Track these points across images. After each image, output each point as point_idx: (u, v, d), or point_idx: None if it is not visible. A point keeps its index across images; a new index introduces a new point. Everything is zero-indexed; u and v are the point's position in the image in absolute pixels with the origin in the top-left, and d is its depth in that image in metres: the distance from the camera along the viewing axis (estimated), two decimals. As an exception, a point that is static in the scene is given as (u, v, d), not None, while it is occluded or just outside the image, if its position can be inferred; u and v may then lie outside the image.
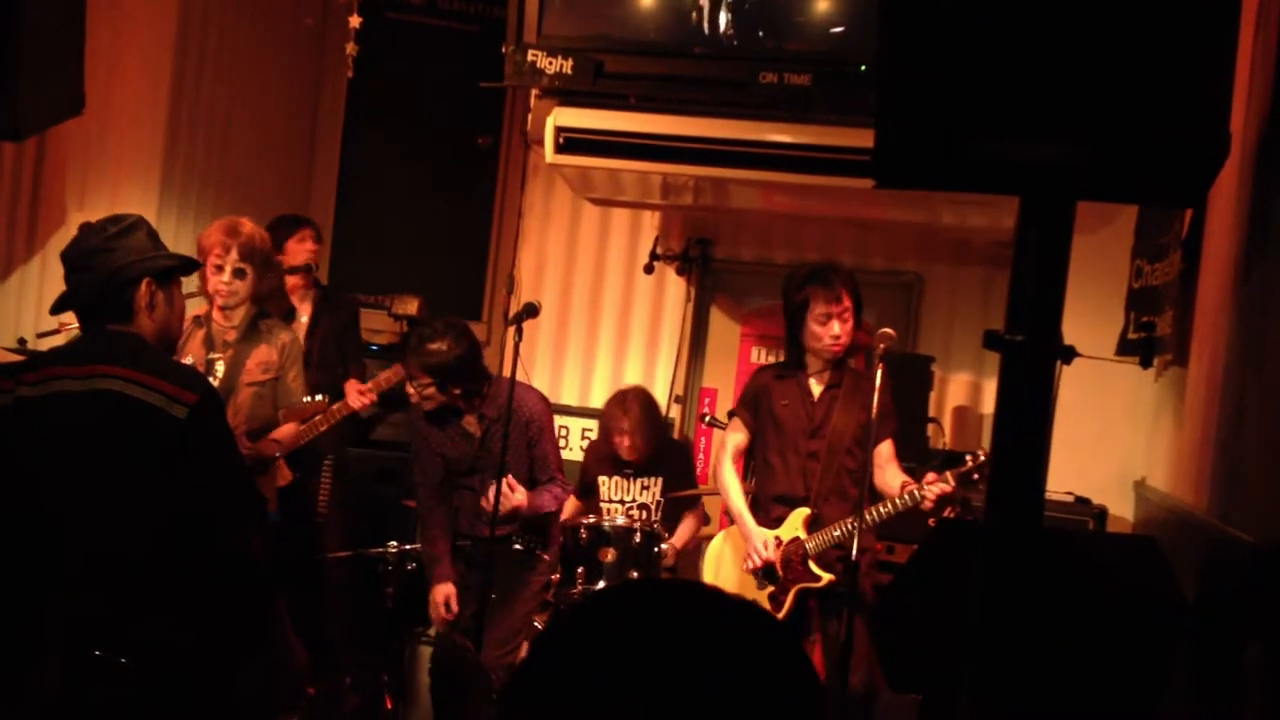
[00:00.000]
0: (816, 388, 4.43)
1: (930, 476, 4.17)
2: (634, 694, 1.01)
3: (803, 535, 4.35)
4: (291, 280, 5.61)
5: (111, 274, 3.08)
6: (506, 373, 4.47)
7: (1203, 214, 3.80)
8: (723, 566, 4.63)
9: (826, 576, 4.30)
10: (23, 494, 2.96)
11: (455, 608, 4.57)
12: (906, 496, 4.15)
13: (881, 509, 4.20)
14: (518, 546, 4.62)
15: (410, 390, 4.64)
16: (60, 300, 3.23)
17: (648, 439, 5.42)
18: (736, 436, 4.62)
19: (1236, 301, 3.22)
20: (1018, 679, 1.95)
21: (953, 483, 4.10)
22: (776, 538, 4.39)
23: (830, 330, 4.36)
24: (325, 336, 5.69)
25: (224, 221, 4.54)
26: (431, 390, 4.51)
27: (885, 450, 4.38)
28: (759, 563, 4.39)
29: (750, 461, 4.67)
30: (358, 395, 5.26)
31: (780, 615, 4.39)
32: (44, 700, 2.87)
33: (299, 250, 5.61)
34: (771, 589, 4.42)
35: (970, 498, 4.42)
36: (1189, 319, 3.89)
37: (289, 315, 5.58)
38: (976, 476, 4.09)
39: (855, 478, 4.35)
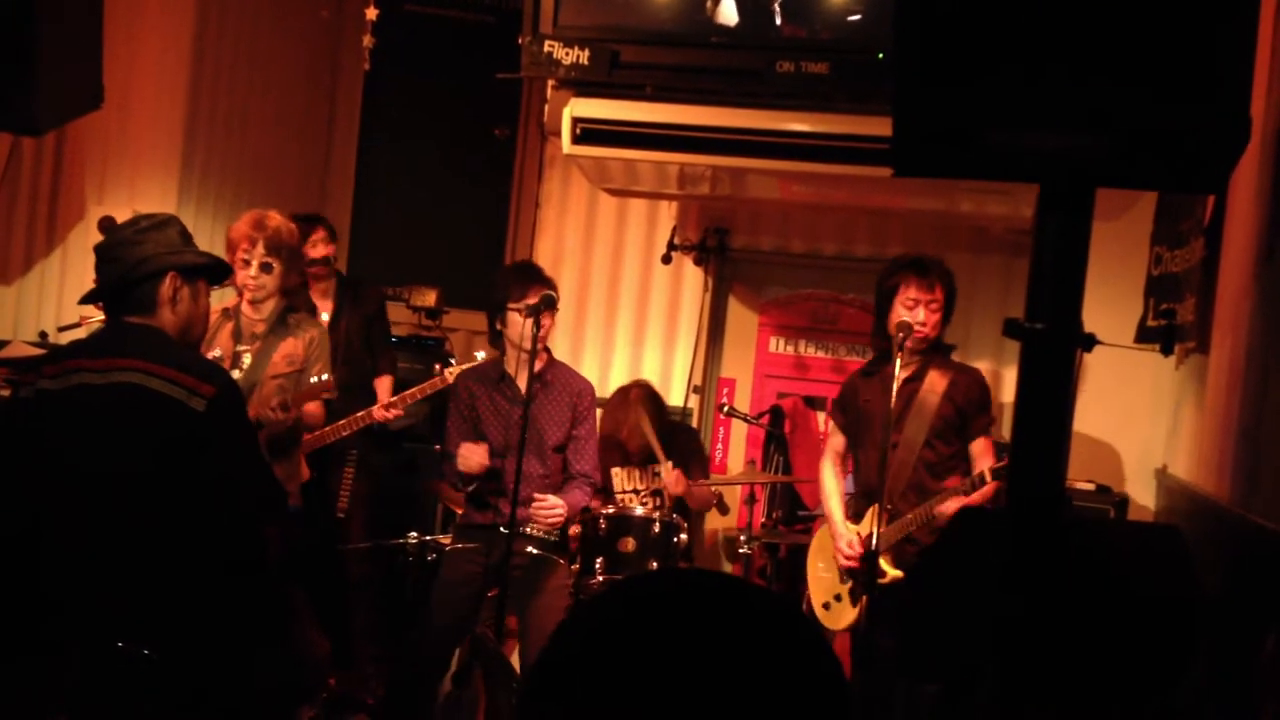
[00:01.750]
0: (897, 381, 4.24)
1: (949, 497, 4.16)
2: (654, 682, 1.01)
3: (875, 530, 4.32)
4: (312, 272, 5.62)
5: (135, 264, 3.09)
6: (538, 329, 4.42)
7: (1224, 200, 3.78)
8: (818, 563, 4.68)
9: (893, 573, 4.25)
10: (43, 485, 2.98)
11: (483, 457, 4.46)
12: (933, 513, 4.17)
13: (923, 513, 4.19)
14: (533, 550, 4.53)
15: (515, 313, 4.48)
16: (89, 293, 3.26)
17: (651, 431, 5.44)
18: (835, 439, 4.67)
19: (1259, 287, 3.20)
20: (1037, 668, 1.94)
21: (972, 496, 4.11)
22: (858, 534, 4.38)
23: (916, 316, 4.26)
24: (350, 329, 5.70)
25: (251, 215, 4.54)
26: (549, 321, 4.46)
27: (978, 446, 4.33)
28: (843, 562, 4.42)
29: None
30: (383, 410, 5.22)
31: (853, 610, 4.38)
32: (65, 690, 2.89)
33: (309, 252, 5.62)
34: (850, 584, 4.42)
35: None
36: (1210, 306, 3.87)
37: (310, 312, 5.59)
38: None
39: (935, 470, 4.30)
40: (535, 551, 4.51)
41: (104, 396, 2.98)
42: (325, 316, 5.66)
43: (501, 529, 4.40)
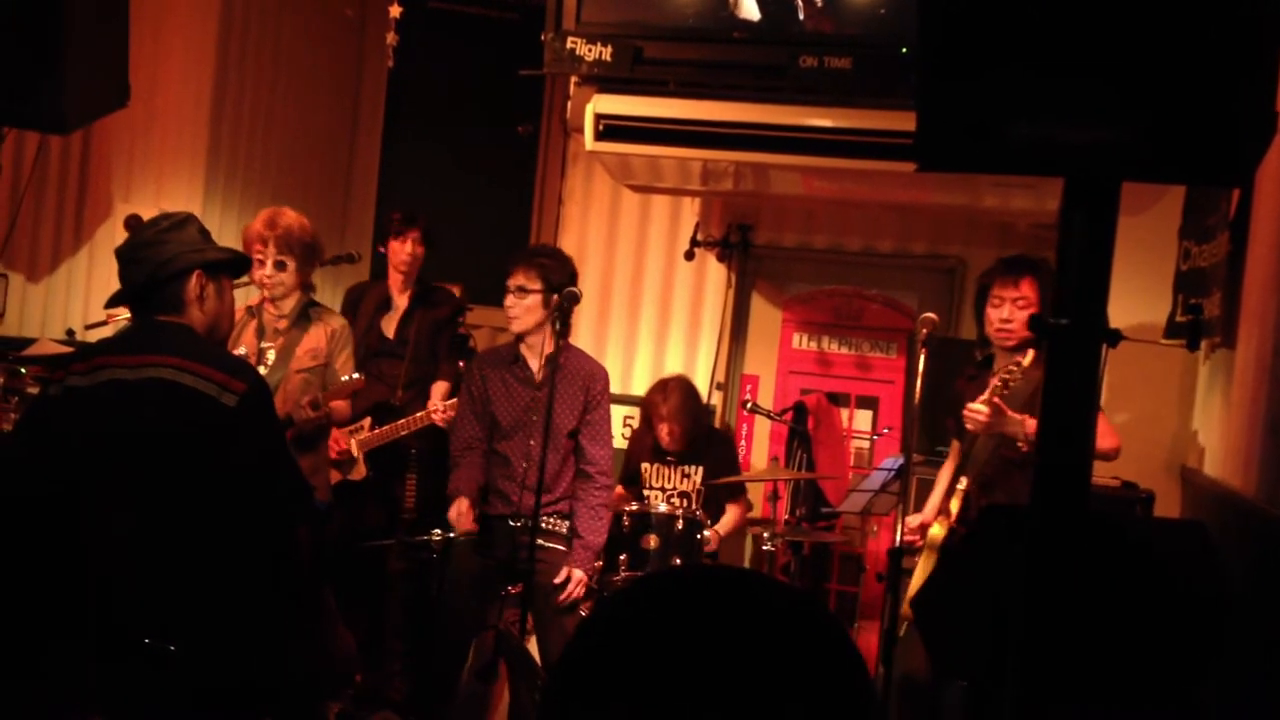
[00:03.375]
0: (993, 381, 4.09)
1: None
2: (678, 677, 1.01)
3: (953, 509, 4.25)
4: (391, 272, 5.75)
5: (162, 264, 3.12)
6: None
7: (1250, 194, 3.76)
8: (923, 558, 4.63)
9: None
10: (73, 481, 3.00)
11: (467, 523, 4.44)
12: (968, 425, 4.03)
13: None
14: (542, 543, 4.50)
15: (505, 305, 4.52)
16: (115, 295, 3.28)
17: (687, 426, 5.41)
18: (954, 446, 4.53)
19: (1286, 283, 3.18)
20: (1062, 664, 1.93)
21: (985, 409, 3.94)
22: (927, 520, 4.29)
23: (1000, 314, 4.14)
24: (420, 331, 5.75)
25: (265, 214, 4.58)
26: (536, 299, 4.46)
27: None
28: (907, 537, 4.22)
29: None
30: (441, 412, 5.26)
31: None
32: (94, 684, 2.91)
33: (399, 250, 5.74)
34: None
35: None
36: (1237, 300, 3.84)
37: (385, 304, 5.68)
38: (1005, 392, 3.92)
39: (1019, 466, 4.10)
40: (545, 544, 4.45)
41: (136, 391, 3.00)
42: (399, 311, 5.75)
43: (510, 521, 4.42)
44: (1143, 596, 2.67)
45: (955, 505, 4.22)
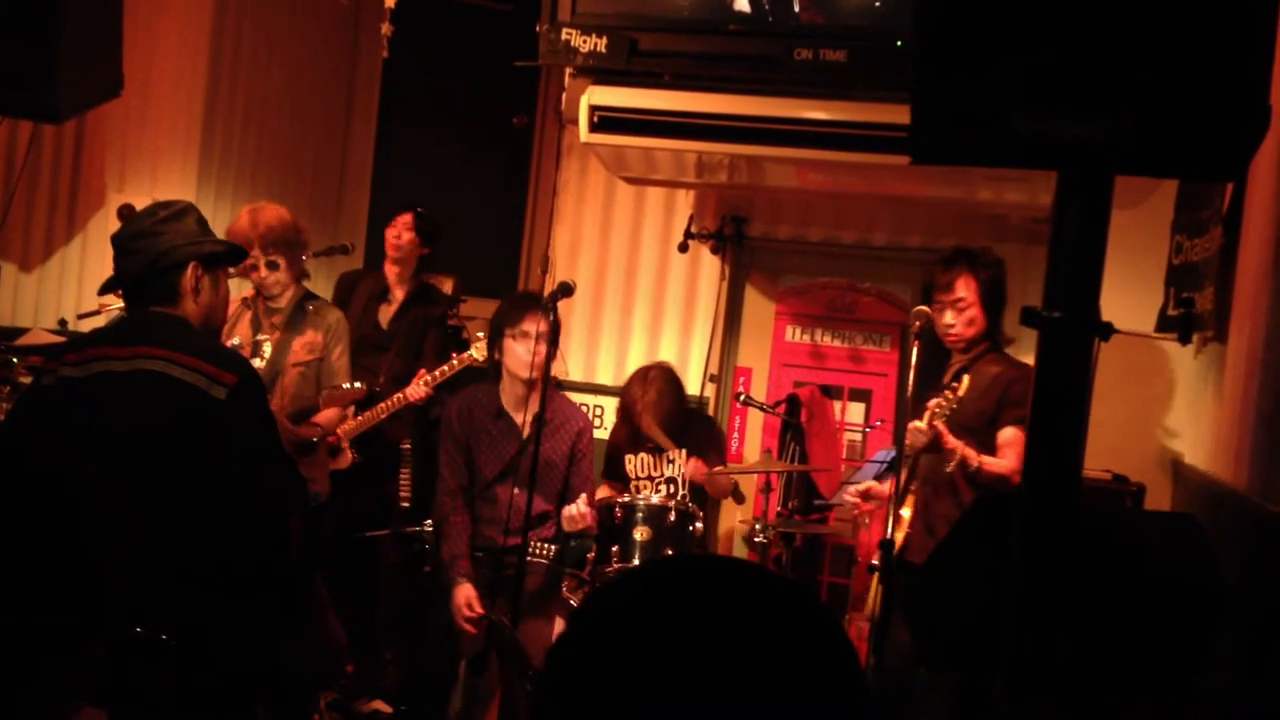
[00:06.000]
0: (948, 377, 4.17)
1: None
2: (669, 666, 1.01)
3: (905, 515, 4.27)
4: (387, 262, 5.78)
5: (158, 256, 3.12)
6: (540, 357, 4.35)
7: (1243, 188, 3.77)
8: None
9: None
10: (65, 473, 3.00)
11: (478, 609, 4.43)
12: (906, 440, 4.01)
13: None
14: (542, 560, 4.50)
15: (523, 349, 4.41)
16: (108, 282, 3.28)
17: (666, 419, 5.43)
18: None
19: (1277, 276, 3.19)
20: (1054, 657, 1.94)
21: (925, 421, 3.95)
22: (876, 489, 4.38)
23: (942, 319, 4.16)
24: (413, 324, 5.76)
25: (245, 213, 4.61)
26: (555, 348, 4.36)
27: (1004, 435, 4.11)
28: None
29: None
30: (418, 387, 5.28)
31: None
32: (89, 676, 2.91)
33: (392, 238, 5.80)
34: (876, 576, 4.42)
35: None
36: (1229, 294, 3.85)
37: (381, 294, 5.67)
38: (938, 410, 3.92)
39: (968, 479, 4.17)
40: (533, 560, 4.46)
41: (127, 383, 3.00)
42: (395, 303, 5.76)
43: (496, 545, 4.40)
44: (1136, 590, 2.68)
45: (908, 512, 4.24)
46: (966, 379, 4.00)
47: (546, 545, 4.57)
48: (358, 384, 4.61)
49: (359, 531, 5.26)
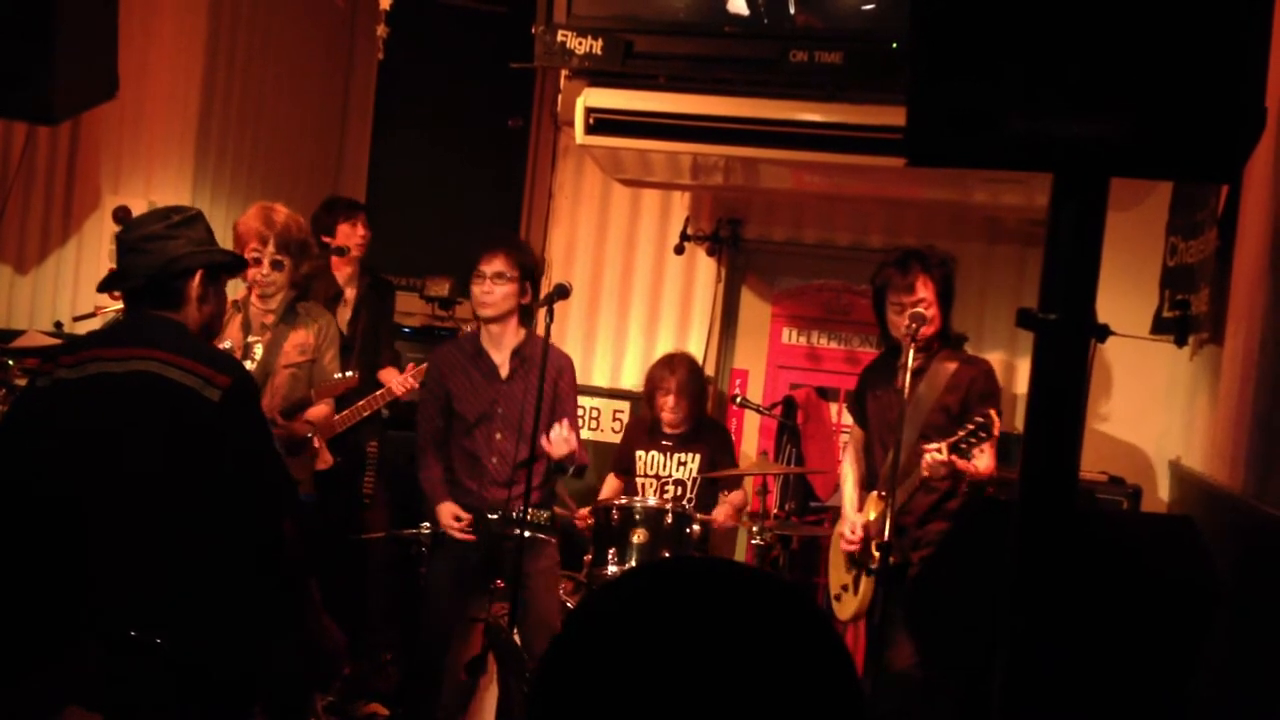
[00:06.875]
0: (903, 374, 4.19)
1: (926, 448, 4.13)
2: (665, 667, 1.01)
3: (872, 518, 4.34)
4: (337, 262, 5.65)
5: (171, 260, 3.12)
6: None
7: (1238, 190, 3.77)
8: (834, 556, 4.72)
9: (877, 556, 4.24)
10: (60, 474, 2.99)
11: (465, 516, 4.47)
12: (925, 471, 4.11)
13: (908, 487, 4.18)
14: (525, 534, 4.50)
15: (478, 290, 4.52)
16: (108, 280, 3.28)
17: (691, 403, 5.44)
18: (855, 433, 4.70)
19: (1272, 278, 3.19)
20: (1051, 658, 1.94)
21: (945, 452, 4.06)
22: (865, 523, 4.40)
23: (904, 320, 4.23)
24: (368, 325, 5.73)
25: (259, 210, 4.56)
26: (513, 286, 4.48)
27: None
28: (844, 546, 4.47)
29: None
30: (400, 382, 5.28)
31: (855, 598, 4.39)
32: (83, 679, 2.90)
33: (351, 234, 5.69)
34: (854, 572, 4.44)
35: (1007, 476, 4.38)
36: (1225, 296, 3.86)
37: (335, 298, 5.64)
38: (965, 446, 4.04)
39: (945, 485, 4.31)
40: (525, 534, 4.42)
41: (122, 385, 3.00)
42: (349, 304, 5.71)
43: (488, 515, 4.42)
44: (1130, 590, 2.68)
45: (872, 513, 4.29)
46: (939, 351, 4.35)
47: (534, 510, 4.49)
48: (349, 373, 4.60)
49: (340, 534, 5.26)
